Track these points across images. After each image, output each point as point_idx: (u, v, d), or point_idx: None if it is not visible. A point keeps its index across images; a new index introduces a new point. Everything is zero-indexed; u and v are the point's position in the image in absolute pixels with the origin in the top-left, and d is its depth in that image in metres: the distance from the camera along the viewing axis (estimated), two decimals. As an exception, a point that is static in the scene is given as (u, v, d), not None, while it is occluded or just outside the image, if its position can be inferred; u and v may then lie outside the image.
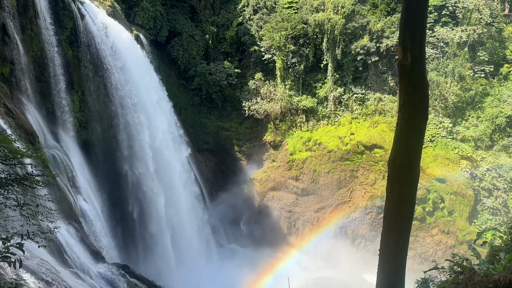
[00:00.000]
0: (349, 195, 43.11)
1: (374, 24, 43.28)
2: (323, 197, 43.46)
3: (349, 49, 43.56)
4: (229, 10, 48.41)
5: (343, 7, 43.11)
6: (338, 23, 42.47)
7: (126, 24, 35.81)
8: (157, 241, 34.52)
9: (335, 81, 44.64)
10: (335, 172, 43.12)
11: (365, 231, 42.28)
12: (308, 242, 43.20)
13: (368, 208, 41.86)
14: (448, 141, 42.57)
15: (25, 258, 12.77)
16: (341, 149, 43.07)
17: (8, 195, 9.34)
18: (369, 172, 42.73)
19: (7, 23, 22.87)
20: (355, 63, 44.12)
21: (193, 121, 45.79)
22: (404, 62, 6.60)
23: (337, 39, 43.19)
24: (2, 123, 17.14)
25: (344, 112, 45.12)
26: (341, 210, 43.14)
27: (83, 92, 30.41)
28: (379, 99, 44.18)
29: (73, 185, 24.88)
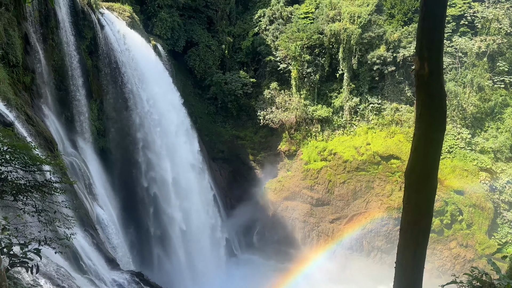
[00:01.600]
0: (365, 206, 42.56)
1: (391, 34, 43.07)
2: (338, 208, 43.01)
3: (365, 59, 43.39)
4: (245, 20, 48.88)
5: (359, 17, 43.06)
6: (354, 33, 42.42)
7: (144, 34, 36.46)
8: (171, 250, 34.62)
9: (351, 91, 44.45)
10: (350, 182, 42.68)
11: (381, 243, 41.59)
12: (322, 253, 42.70)
13: (384, 220, 41.21)
14: (466, 152, 41.79)
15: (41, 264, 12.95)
16: (357, 159, 42.67)
17: (27, 201, 9.50)
18: (386, 183, 42.16)
19: (30, 33, 23.53)
20: (371, 73, 43.89)
21: (208, 130, 46.10)
22: (421, 72, 6.54)
23: (353, 49, 43.10)
24: (23, 131, 17.54)
25: (360, 122, 44.80)
26: (357, 221, 42.58)
27: (101, 101, 30.96)
28: (396, 109, 43.76)
29: (90, 192, 25.22)
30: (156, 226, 34.00)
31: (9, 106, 17.82)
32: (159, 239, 34.31)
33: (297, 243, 43.91)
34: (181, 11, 45.34)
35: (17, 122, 17.36)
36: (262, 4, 48.57)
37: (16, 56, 21.60)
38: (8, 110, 17.34)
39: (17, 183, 9.29)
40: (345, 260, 41.82)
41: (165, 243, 34.48)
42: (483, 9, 43.33)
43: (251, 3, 49.53)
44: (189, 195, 36.33)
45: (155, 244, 34.24)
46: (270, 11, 47.04)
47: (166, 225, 34.25)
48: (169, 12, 42.89)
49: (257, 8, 48.45)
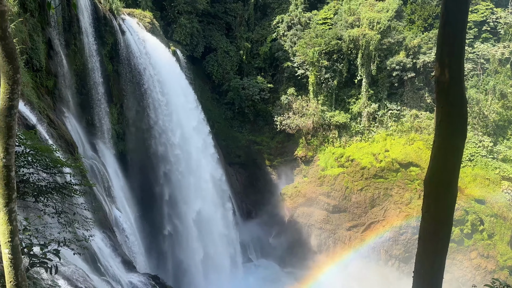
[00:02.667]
0: (383, 214, 41.95)
1: (411, 40, 42.59)
2: (355, 215, 42.50)
3: (384, 65, 42.99)
4: (263, 26, 49.13)
5: (378, 22, 42.76)
6: (373, 39, 42.12)
7: (164, 40, 36.99)
8: (186, 254, 34.78)
9: (370, 97, 44.06)
10: (368, 189, 42.17)
11: (399, 252, 40.88)
12: (339, 261, 42.20)
13: (403, 228, 40.51)
14: (488, 161, 40.82)
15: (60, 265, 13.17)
16: (375, 166, 42.16)
17: (47, 203, 9.70)
18: (404, 190, 41.50)
19: (53, 39, 24.15)
20: (390, 79, 43.43)
21: (225, 135, 46.34)
22: (441, 79, 6.44)
23: (372, 55, 42.78)
24: (45, 133, 17.96)
25: (379, 129, 44.32)
26: (374, 229, 41.99)
27: (121, 105, 31.48)
28: (415, 115, 43.14)
29: (109, 195, 25.60)
30: (172, 230, 34.24)
31: (32, 109, 18.29)
32: (174, 242, 34.52)
33: (313, 250, 43.53)
34: (200, 17, 45.88)
35: (40, 125, 17.79)
36: (280, 10, 48.76)
37: (39, 60, 22.19)
38: (31, 113, 17.79)
39: (39, 185, 9.50)
40: (361, 268, 41.22)
41: (180, 247, 34.67)
42: (506, 14, 42.47)
43: (269, 9, 49.78)
44: (205, 199, 36.49)
45: (171, 247, 34.46)
46: (289, 17, 47.17)
47: (182, 229, 34.45)
48: (188, 18, 43.45)
49: (276, 14, 48.66)
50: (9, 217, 4.15)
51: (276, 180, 46.49)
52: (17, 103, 4.13)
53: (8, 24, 3.81)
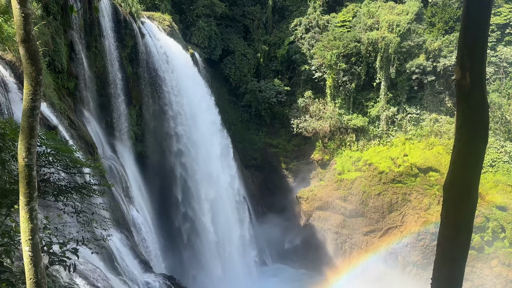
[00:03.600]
0: (401, 220, 41.31)
1: (431, 43, 41.94)
2: (373, 220, 41.97)
3: (404, 68, 42.43)
4: (281, 29, 49.15)
5: (398, 25, 42.26)
6: (392, 42, 41.64)
7: (182, 43, 37.37)
8: (201, 256, 34.94)
9: (388, 100, 43.52)
10: (386, 194, 41.60)
11: (417, 258, 40.16)
12: (355, 266, 41.72)
13: (421, 234, 39.80)
14: (510, 167, 39.78)
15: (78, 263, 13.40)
16: (393, 170, 41.58)
17: (67, 202, 9.89)
18: (423, 196, 40.79)
19: (75, 41, 24.67)
20: (409, 82, 42.83)
21: (241, 137, 46.45)
22: (462, 83, 6.31)
23: (391, 58, 42.29)
24: (66, 134, 18.33)
25: (397, 133, 43.71)
26: (392, 234, 41.37)
27: (140, 107, 31.92)
28: (435, 120, 42.42)
29: (127, 195, 25.94)
30: (188, 232, 34.46)
31: (53, 110, 18.70)
32: (190, 244, 34.73)
33: (329, 255, 43.16)
34: (218, 20, 46.21)
35: (60, 126, 18.17)
36: (298, 13, 48.69)
37: (61, 63, 22.69)
38: (53, 114, 18.19)
39: (59, 185, 9.70)
40: (378, 274, 40.64)
41: (195, 248, 34.86)
42: (531, 17, 41.42)
43: (287, 12, 49.77)
44: (221, 202, 36.61)
45: (186, 249, 34.68)
46: (307, 19, 47.07)
47: (197, 231, 34.64)
48: (207, 22, 43.82)
49: (294, 17, 48.62)
50: (30, 216, 4.24)
51: (292, 183, 46.32)
52: (39, 104, 4.23)
53: (32, 27, 3.91)
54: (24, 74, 4.09)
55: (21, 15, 3.80)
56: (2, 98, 13.82)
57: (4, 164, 7.88)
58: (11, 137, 8.09)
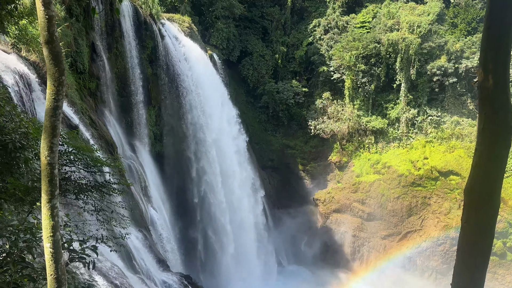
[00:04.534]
0: (420, 224, 40.61)
1: (453, 44, 41.13)
2: (391, 224, 41.37)
3: (425, 70, 41.73)
4: (299, 30, 48.99)
5: (419, 26, 41.59)
6: (413, 43, 41.01)
7: (201, 44, 37.66)
8: (218, 256, 35.08)
9: (408, 102, 42.86)
10: (405, 198, 40.96)
11: (436, 263, 39.41)
12: (373, 270, 41.20)
13: (441, 239, 39.04)
14: (536, 171, 38.62)
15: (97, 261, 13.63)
16: (413, 173, 40.91)
17: (87, 200, 10.08)
18: (444, 200, 40.01)
19: (96, 43, 25.15)
20: (430, 84, 42.09)
21: (259, 138, 46.46)
22: (485, 85, 6.18)
23: (411, 59, 41.65)
24: (87, 133, 18.70)
25: (417, 135, 43.00)
26: (411, 239, 40.71)
27: (159, 107, 32.30)
28: (456, 122, 41.57)
29: (145, 194, 26.28)
30: (205, 232, 34.65)
31: (75, 110, 19.10)
32: (207, 244, 34.91)
33: (346, 258, 42.75)
34: (237, 22, 46.38)
35: (82, 125, 18.54)
36: (317, 14, 48.45)
37: (83, 63, 23.16)
38: (74, 114, 18.58)
39: (79, 183, 9.89)
40: (397, 278, 40.04)
41: (213, 249, 35.01)
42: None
43: (306, 13, 49.58)
44: (238, 203, 36.70)
45: (203, 249, 34.87)
46: (326, 20, 46.79)
47: (215, 232, 34.79)
48: (225, 23, 44.04)
49: (313, 18, 48.40)
50: (51, 213, 4.34)
51: (309, 185, 46.07)
52: (61, 104, 4.32)
53: (55, 29, 4.01)
54: (48, 75, 4.19)
55: (45, 17, 3.90)
56: (26, 98, 14.20)
57: (27, 163, 8.09)
58: (34, 136, 8.30)
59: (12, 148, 7.68)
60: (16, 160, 7.91)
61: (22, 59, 15.51)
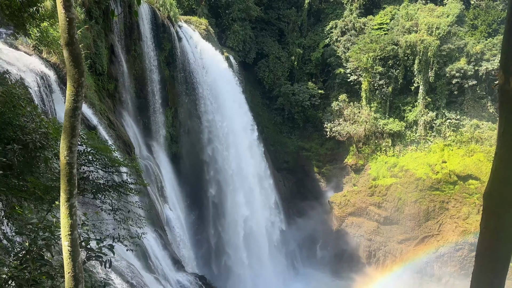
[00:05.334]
0: (438, 228, 39.91)
1: (473, 46, 40.37)
2: (408, 228, 40.77)
3: (443, 72, 41.06)
4: (316, 32, 48.80)
5: (438, 28, 40.96)
6: (432, 45, 40.41)
7: (218, 46, 37.88)
8: (232, 257, 35.13)
9: (427, 105, 42.22)
10: (422, 202, 40.32)
11: (454, 269, 38.66)
12: (389, 275, 40.65)
13: (459, 244, 38.30)
14: (559, 176, 37.56)
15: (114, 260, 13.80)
16: (431, 177, 40.26)
17: (104, 200, 10.23)
18: (462, 204, 39.25)
19: (115, 45, 25.55)
20: (449, 87, 41.39)
21: (274, 140, 46.40)
22: (505, 87, 6.05)
23: (430, 61, 41.04)
24: (105, 134, 18.99)
25: (436, 138, 42.31)
26: (428, 243, 40.04)
27: (176, 109, 32.61)
28: (476, 125, 40.75)
29: (161, 195, 26.53)
30: (218, 233, 34.76)
31: (94, 111, 19.42)
32: (221, 246, 35.01)
33: (362, 262, 42.30)
34: (253, 24, 46.49)
35: (100, 126, 18.84)
36: (334, 15, 48.20)
37: (102, 65, 23.55)
38: (93, 115, 18.90)
39: (97, 183, 10.05)
40: (413, 284, 39.45)
41: (226, 251, 35.09)
42: None
43: (323, 14, 49.37)
44: (253, 204, 36.71)
45: (217, 250, 34.99)
46: (343, 22, 46.50)
47: (228, 233, 34.88)
48: (242, 25, 44.19)
49: (329, 19, 48.16)
50: (69, 212, 4.42)
51: (324, 188, 45.78)
52: (81, 104, 4.41)
53: (75, 31, 4.09)
54: (67, 76, 4.27)
55: (66, 20, 3.98)
56: (47, 99, 14.51)
57: (47, 162, 8.26)
58: (54, 136, 8.47)
59: (33, 147, 7.85)
60: (36, 160, 8.08)
61: (43, 61, 15.86)
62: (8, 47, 14.82)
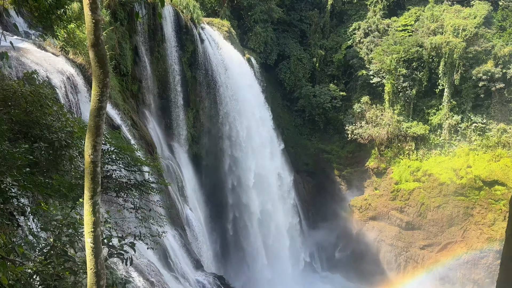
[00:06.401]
0: (462, 235, 38.91)
1: (501, 48, 39.22)
2: (431, 234, 39.89)
3: (470, 74, 40.03)
4: (338, 33, 48.39)
5: (464, 29, 39.99)
6: (457, 47, 39.47)
7: (239, 48, 38.03)
8: (251, 259, 35.14)
9: (452, 108, 41.25)
10: (446, 207, 39.39)
11: (478, 277, 37.60)
12: (410, 281, 39.87)
13: (484, 252, 37.24)
14: None
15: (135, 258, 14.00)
16: (455, 182, 39.29)
17: (127, 198, 10.41)
18: (488, 211, 38.16)
19: (139, 46, 25.98)
20: (475, 90, 40.30)
21: (294, 142, 46.20)
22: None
23: (455, 64, 40.08)
24: (128, 134, 19.32)
25: (461, 142, 41.27)
26: (451, 250, 39.08)
27: (197, 110, 32.90)
28: (503, 130, 39.55)
29: (182, 194, 26.79)
30: (238, 234, 34.84)
31: (118, 111, 19.79)
32: (240, 246, 35.07)
33: (382, 267, 41.62)
34: (275, 25, 46.46)
35: (124, 126, 19.18)
36: (357, 17, 47.67)
37: (126, 66, 23.99)
38: (117, 115, 19.26)
39: (120, 181, 10.23)
40: (435, 291, 38.58)
41: (245, 252, 35.13)
42: None
43: (346, 16, 48.92)
44: (272, 206, 36.65)
45: (236, 251, 35.05)
46: (366, 23, 45.95)
47: (248, 234, 34.91)
48: (263, 27, 44.23)
49: (352, 21, 47.67)
50: (93, 209, 4.51)
51: (345, 191, 45.28)
52: (105, 104, 4.49)
53: (101, 32, 4.17)
54: (93, 76, 4.36)
55: (92, 21, 4.07)
56: (72, 98, 14.87)
57: (72, 160, 8.46)
58: (79, 135, 8.67)
59: (58, 146, 8.05)
60: (62, 158, 8.29)
61: (70, 61, 16.26)
62: (37, 48, 15.26)
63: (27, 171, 7.21)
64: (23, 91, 8.32)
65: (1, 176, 6.01)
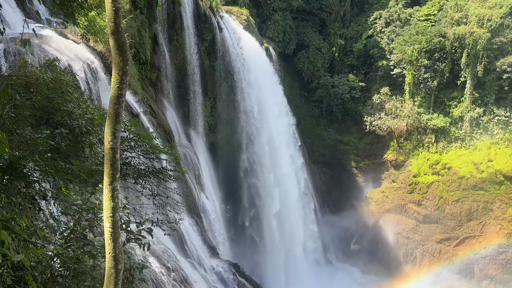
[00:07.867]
0: (480, 229, 38.25)
1: (528, 39, 37.92)
2: (448, 228, 39.35)
3: (494, 66, 38.88)
4: (359, 22, 47.57)
5: (489, 20, 38.74)
6: (482, 38, 38.33)
7: (258, 37, 37.79)
8: (266, 248, 35.35)
9: (474, 101, 40.24)
10: (465, 201, 38.71)
11: (496, 272, 37.00)
12: (426, 275, 39.52)
13: (503, 247, 36.57)
14: None
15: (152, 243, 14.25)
16: (475, 176, 38.51)
17: (145, 185, 10.56)
18: (508, 206, 37.34)
19: (158, 34, 26.07)
20: (499, 82, 39.17)
21: (311, 132, 45.92)
22: None
23: (479, 55, 38.97)
24: (147, 122, 19.53)
25: (482, 136, 40.31)
26: (469, 244, 38.50)
27: (214, 99, 32.98)
28: (527, 124, 38.45)
29: (198, 183, 27.05)
30: (253, 223, 35.03)
31: (136, 99, 19.99)
32: (255, 235, 35.28)
33: (398, 260, 41.34)
34: (294, 14, 45.96)
35: (142, 114, 19.38)
36: (379, 6, 46.72)
37: (145, 54, 24.14)
38: (136, 103, 19.46)
39: (138, 168, 10.38)
40: (451, 285, 38.15)
41: (260, 240, 35.34)
42: None
43: (367, 5, 48.00)
44: (288, 196, 36.66)
45: (251, 240, 35.29)
46: (387, 13, 45.00)
47: (263, 223, 35.08)
48: (282, 15, 43.79)
49: (373, 10, 46.75)
50: (112, 195, 4.58)
51: (362, 183, 44.92)
52: (125, 92, 4.52)
53: (121, 20, 4.18)
54: (113, 64, 4.39)
55: (112, 9, 4.08)
56: (92, 86, 15.08)
57: (92, 147, 8.61)
58: (99, 122, 8.80)
59: (79, 132, 8.19)
60: (82, 144, 8.44)
61: (90, 49, 16.46)
62: (58, 35, 15.48)
63: (49, 156, 7.37)
64: (45, 78, 8.46)
65: (23, 160, 6.16)
